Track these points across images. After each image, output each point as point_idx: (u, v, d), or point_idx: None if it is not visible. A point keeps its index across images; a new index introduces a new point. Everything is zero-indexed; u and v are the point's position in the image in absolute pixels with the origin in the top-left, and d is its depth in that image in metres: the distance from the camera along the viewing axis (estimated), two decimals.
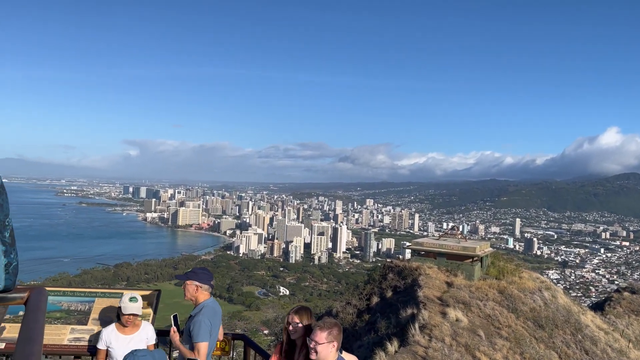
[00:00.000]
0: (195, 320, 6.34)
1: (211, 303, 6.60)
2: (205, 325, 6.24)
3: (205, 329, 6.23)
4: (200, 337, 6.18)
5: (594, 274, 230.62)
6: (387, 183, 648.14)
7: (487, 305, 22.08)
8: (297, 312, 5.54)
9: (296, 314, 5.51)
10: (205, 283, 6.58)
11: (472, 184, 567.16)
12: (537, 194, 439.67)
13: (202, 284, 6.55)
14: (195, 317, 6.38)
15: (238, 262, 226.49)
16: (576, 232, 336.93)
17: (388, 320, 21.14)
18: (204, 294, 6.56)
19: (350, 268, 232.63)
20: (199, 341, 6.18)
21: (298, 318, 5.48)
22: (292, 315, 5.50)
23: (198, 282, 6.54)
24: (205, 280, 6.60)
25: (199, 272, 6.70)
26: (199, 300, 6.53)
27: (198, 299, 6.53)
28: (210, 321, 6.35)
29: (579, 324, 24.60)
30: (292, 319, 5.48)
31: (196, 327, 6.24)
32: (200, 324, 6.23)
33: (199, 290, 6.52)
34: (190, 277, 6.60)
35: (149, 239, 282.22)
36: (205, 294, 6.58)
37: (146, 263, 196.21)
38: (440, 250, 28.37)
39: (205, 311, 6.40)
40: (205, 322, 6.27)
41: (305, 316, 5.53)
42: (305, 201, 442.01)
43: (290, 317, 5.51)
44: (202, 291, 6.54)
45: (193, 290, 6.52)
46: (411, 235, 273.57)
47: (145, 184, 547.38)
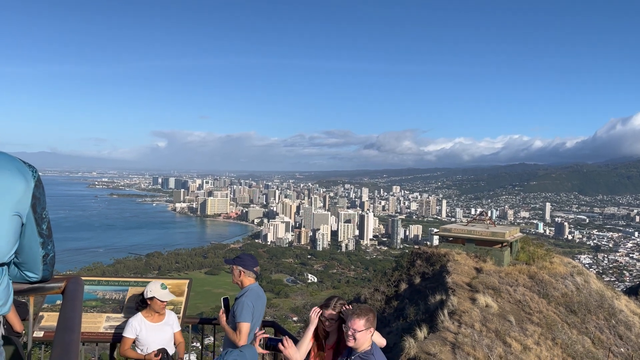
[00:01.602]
0: (238, 301, 6.67)
1: (256, 287, 6.90)
2: (248, 307, 6.54)
3: (247, 310, 6.52)
4: (243, 317, 6.47)
5: (628, 258, 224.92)
6: (413, 169, 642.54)
7: (517, 291, 21.84)
8: (334, 307, 5.47)
9: (334, 310, 5.44)
10: (248, 269, 6.90)
11: (500, 168, 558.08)
12: (568, 177, 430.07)
13: (246, 269, 6.87)
14: (239, 299, 6.71)
15: (266, 250, 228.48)
16: (609, 216, 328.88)
17: (417, 307, 21.12)
18: (248, 278, 6.89)
19: (378, 255, 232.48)
20: (240, 321, 6.47)
21: (335, 312, 5.42)
22: (330, 312, 5.44)
23: (242, 267, 6.86)
24: (249, 266, 6.92)
25: (244, 258, 7.07)
26: (244, 284, 6.86)
27: (243, 282, 6.86)
28: (253, 303, 6.63)
29: (613, 308, 24.13)
30: (329, 315, 5.42)
31: (239, 308, 6.55)
32: (243, 305, 6.54)
33: (242, 275, 6.85)
34: (236, 262, 6.93)
35: (179, 228, 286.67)
36: (250, 279, 6.91)
37: (176, 252, 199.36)
38: (468, 236, 28.09)
39: (249, 294, 6.72)
40: (248, 303, 6.57)
41: (338, 307, 5.47)
42: (331, 189, 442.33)
43: (327, 314, 5.44)
44: (246, 276, 6.87)
45: (237, 275, 6.86)
46: (439, 222, 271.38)
47: (173, 174, 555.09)
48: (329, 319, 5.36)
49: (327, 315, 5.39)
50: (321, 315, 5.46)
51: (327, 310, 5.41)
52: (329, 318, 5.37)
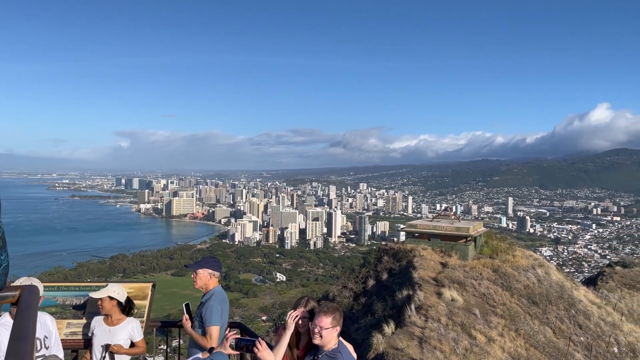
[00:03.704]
0: (206, 305, 6.51)
1: (220, 290, 6.78)
2: (217, 310, 6.44)
3: (217, 313, 6.42)
4: (213, 321, 6.36)
5: (586, 249, 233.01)
6: (379, 167, 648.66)
7: (482, 284, 22.29)
8: (306, 305, 5.42)
9: (305, 307, 5.41)
10: (217, 270, 6.78)
11: (464, 164, 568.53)
12: (529, 172, 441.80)
13: (215, 271, 6.74)
14: (206, 303, 6.55)
15: (234, 250, 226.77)
16: (568, 209, 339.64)
17: (384, 303, 21.32)
18: (214, 281, 6.75)
19: (346, 252, 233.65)
20: (211, 325, 6.35)
21: (308, 312, 5.38)
22: (303, 310, 5.41)
23: (211, 270, 6.71)
24: (217, 268, 6.80)
25: (210, 261, 6.87)
26: (209, 288, 6.69)
27: (208, 286, 6.69)
28: (221, 306, 6.54)
29: (572, 299, 24.93)
30: (302, 314, 5.39)
31: (208, 312, 6.42)
32: (212, 309, 6.42)
33: (211, 278, 6.70)
34: (203, 265, 6.74)
35: (144, 230, 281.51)
36: (215, 282, 6.78)
37: (142, 254, 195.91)
38: (434, 231, 28.49)
39: (216, 297, 6.59)
40: (217, 307, 6.46)
41: (310, 304, 5.44)
42: (298, 187, 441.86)
43: (301, 312, 5.41)
44: (214, 278, 6.73)
45: (206, 279, 6.67)
46: (405, 218, 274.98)
47: (137, 175, 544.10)
48: (301, 317, 5.34)
49: (300, 313, 5.37)
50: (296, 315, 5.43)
51: (298, 308, 5.40)
52: (302, 317, 5.35)
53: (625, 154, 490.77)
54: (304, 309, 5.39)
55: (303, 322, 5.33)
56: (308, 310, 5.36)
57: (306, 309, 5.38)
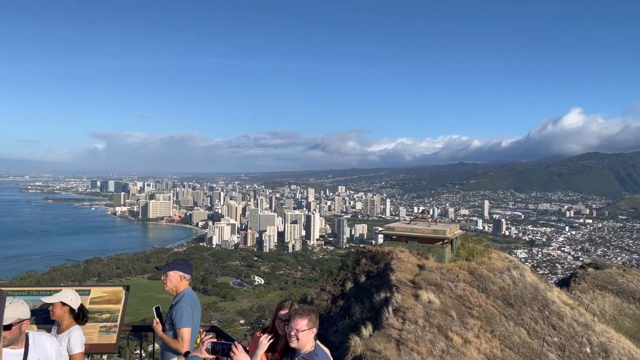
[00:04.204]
0: (176, 307, 6.44)
1: (191, 292, 6.71)
2: (187, 312, 6.37)
3: (187, 315, 6.35)
4: (183, 323, 6.30)
5: (560, 251, 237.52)
6: (358, 169, 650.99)
7: (458, 286, 22.52)
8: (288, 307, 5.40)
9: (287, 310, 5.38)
10: (188, 273, 6.71)
11: (441, 168, 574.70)
12: (504, 175, 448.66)
13: (185, 273, 6.68)
14: (176, 305, 6.48)
15: (211, 253, 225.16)
16: (542, 212, 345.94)
17: (362, 305, 21.37)
18: (185, 283, 6.68)
19: (324, 255, 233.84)
20: (181, 327, 6.28)
21: (287, 311, 5.35)
22: (284, 312, 5.38)
23: (182, 272, 6.65)
24: (188, 271, 6.73)
25: (181, 263, 6.79)
26: (179, 290, 6.63)
27: (179, 288, 6.63)
28: (192, 308, 6.47)
29: (546, 300, 25.36)
30: (284, 316, 5.36)
31: (178, 314, 6.35)
32: (183, 311, 6.35)
33: (182, 280, 6.64)
34: (174, 267, 6.66)
35: (120, 233, 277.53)
36: (186, 284, 6.71)
37: (117, 258, 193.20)
38: (411, 234, 28.72)
39: (186, 299, 6.53)
40: (187, 308, 6.39)
41: (294, 306, 5.41)
42: (277, 190, 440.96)
43: (282, 314, 5.38)
44: (185, 281, 6.67)
45: (176, 281, 6.60)
46: (383, 220, 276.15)
47: (113, 177, 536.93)
48: (283, 319, 5.34)
49: (281, 316, 5.37)
50: (276, 318, 5.44)
51: (281, 311, 5.40)
52: (284, 319, 5.35)
53: (597, 158, 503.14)
54: (286, 311, 5.39)
55: (285, 324, 5.32)
56: (288, 313, 5.35)
57: (288, 310, 5.37)
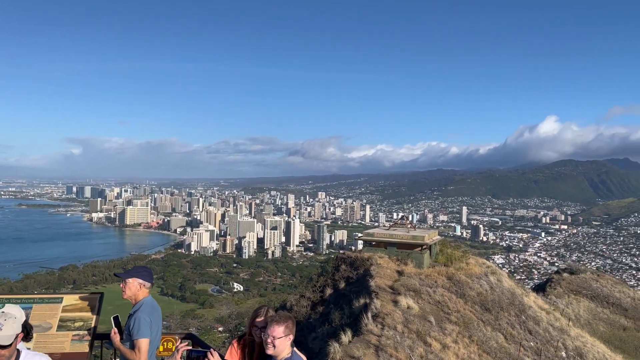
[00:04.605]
0: (134, 317, 6.22)
1: (150, 301, 6.50)
2: (145, 322, 6.15)
3: (145, 325, 6.13)
4: (141, 333, 6.06)
5: (536, 257, 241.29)
6: (338, 175, 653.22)
7: (437, 292, 22.66)
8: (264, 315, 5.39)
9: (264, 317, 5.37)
10: (148, 281, 6.51)
11: (419, 174, 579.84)
12: (482, 182, 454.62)
13: (145, 281, 6.47)
14: (134, 315, 6.26)
15: (190, 260, 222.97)
16: (519, 218, 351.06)
17: (341, 311, 21.34)
18: (144, 291, 6.47)
19: (304, 261, 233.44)
20: (139, 337, 6.06)
21: (263, 318, 5.35)
22: (261, 320, 5.37)
23: (141, 280, 6.44)
24: (148, 278, 6.53)
25: (141, 270, 6.58)
26: (139, 298, 6.42)
27: (138, 297, 6.43)
28: (150, 318, 6.26)
29: (523, 305, 25.68)
30: (260, 323, 5.35)
31: (136, 324, 6.12)
32: (140, 320, 6.13)
33: (141, 289, 6.44)
34: (133, 274, 6.46)
35: (96, 239, 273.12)
36: (146, 292, 6.49)
37: (93, 265, 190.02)
38: (390, 240, 28.83)
39: (144, 308, 6.32)
40: (145, 318, 6.17)
41: (270, 313, 5.40)
42: (257, 196, 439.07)
43: (258, 321, 5.37)
44: (144, 289, 6.46)
45: (135, 289, 6.40)
46: (363, 226, 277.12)
47: (89, 183, 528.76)
48: (259, 327, 5.32)
49: (257, 323, 5.36)
50: (252, 325, 5.43)
51: (257, 319, 5.39)
52: (260, 327, 5.33)
53: (571, 164, 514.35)
54: (262, 318, 5.38)
55: (261, 331, 5.30)
56: (264, 320, 5.34)
57: (264, 317, 5.37)
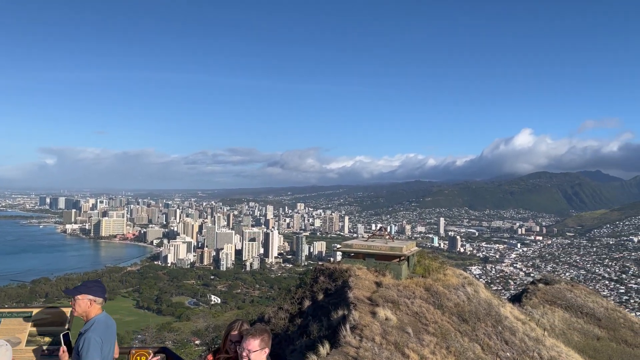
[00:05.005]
0: (84, 337, 5.89)
1: (103, 318, 6.21)
2: (95, 343, 5.84)
3: (95, 346, 5.82)
4: (89, 356, 5.74)
5: (512, 267, 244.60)
6: (317, 187, 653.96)
7: (415, 303, 22.73)
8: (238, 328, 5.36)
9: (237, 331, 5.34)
10: (99, 296, 6.19)
11: (398, 185, 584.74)
12: (459, 193, 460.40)
13: (96, 297, 6.16)
14: (84, 334, 5.94)
15: (166, 272, 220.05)
16: (495, 229, 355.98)
17: (320, 323, 21.25)
18: (96, 308, 6.16)
19: (283, 273, 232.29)
20: None
21: (237, 333, 5.32)
22: (235, 333, 5.35)
23: (92, 295, 6.13)
24: (99, 294, 6.21)
25: (91, 286, 6.25)
26: (90, 316, 6.12)
27: (89, 314, 6.12)
28: (101, 338, 5.96)
29: (499, 316, 25.92)
30: (234, 337, 5.32)
31: (85, 345, 5.80)
32: (90, 341, 5.82)
33: (92, 305, 6.12)
34: (82, 290, 6.13)
35: (70, 252, 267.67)
36: (98, 309, 6.18)
37: (67, 277, 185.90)
38: (368, 251, 28.89)
39: (96, 327, 6.02)
40: (95, 339, 5.87)
41: (244, 327, 5.38)
42: (235, 207, 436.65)
43: (233, 335, 5.34)
44: (96, 305, 6.15)
45: (86, 306, 6.09)
46: (342, 238, 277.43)
47: (64, 194, 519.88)
48: (234, 341, 5.29)
49: (232, 337, 5.33)
50: (227, 339, 5.39)
51: (232, 332, 5.36)
52: (234, 340, 5.30)
53: (546, 176, 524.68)
54: (236, 332, 5.35)
55: (236, 345, 5.28)
56: (239, 333, 5.31)
57: (238, 331, 5.34)
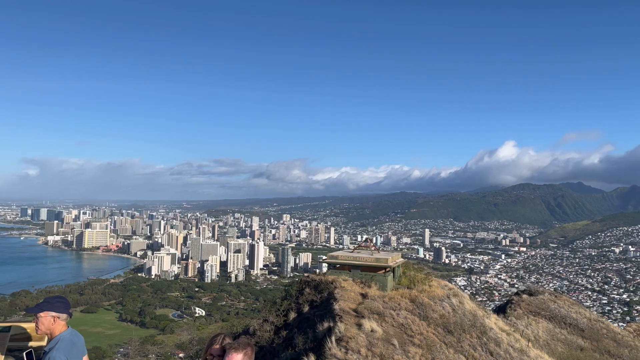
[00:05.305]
0: (48, 356, 5.71)
1: (69, 335, 6.03)
2: None
3: None
4: None
5: (497, 279, 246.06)
6: (303, 198, 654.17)
7: (400, 315, 22.79)
8: (220, 342, 5.36)
9: (219, 345, 5.34)
10: (62, 312, 6.01)
11: (383, 197, 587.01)
12: (444, 205, 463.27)
13: (60, 313, 5.97)
14: (49, 353, 5.75)
15: (150, 284, 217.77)
16: (480, 240, 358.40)
17: (305, 336, 21.17)
18: (60, 324, 5.98)
19: (268, 284, 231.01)
20: None
21: (219, 347, 5.33)
22: (216, 347, 5.35)
23: (54, 312, 5.93)
24: (63, 310, 6.02)
25: (53, 302, 6.05)
26: (55, 334, 5.94)
27: (54, 332, 5.94)
28: (67, 356, 5.77)
29: (484, 327, 26.07)
30: (216, 351, 5.32)
31: None
32: None
33: (56, 322, 5.93)
34: (44, 307, 5.94)
35: (51, 264, 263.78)
36: (62, 325, 6.01)
37: (48, 290, 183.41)
38: (354, 262, 28.94)
39: (61, 345, 5.84)
40: (60, 357, 5.69)
41: (226, 341, 5.37)
42: (220, 218, 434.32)
43: (214, 349, 5.35)
44: (60, 322, 5.97)
45: (49, 323, 5.91)
46: (327, 249, 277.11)
47: (46, 205, 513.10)
48: (215, 355, 5.29)
49: (213, 351, 5.33)
50: (208, 353, 5.39)
51: (213, 346, 5.36)
52: (216, 355, 5.30)
53: (529, 188, 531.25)
54: (218, 346, 5.36)
55: (217, 359, 5.30)
56: (221, 348, 5.33)
57: (220, 345, 5.35)
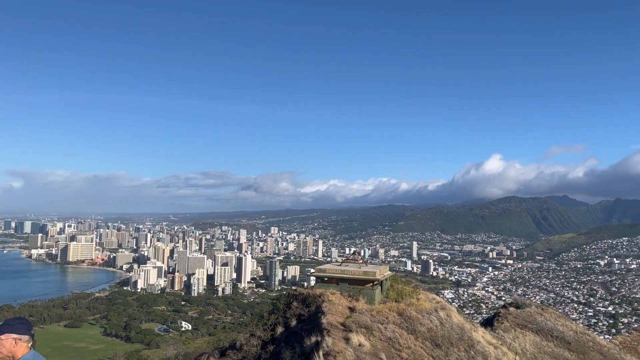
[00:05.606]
0: None
1: (32, 357, 5.82)
2: None
3: None
4: None
5: (484, 291, 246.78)
6: (291, 210, 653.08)
7: (388, 328, 22.75)
8: None
9: None
10: (24, 334, 5.79)
11: (371, 209, 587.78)
12: (431, 217, 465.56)
13: (21, 335, 5.76)
14: None
15: (136, 297, 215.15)
16: (467, 253, 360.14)
17: (292, 350, 21.03)
18: (23, 347, 5.75)
19: (256, 298, 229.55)
20: None
21: None
22: None
23: (15, 334, 5.73)
24: (24, 331, 5.81)
25: (14, 324, 5.84)
26: (17, 356, 5.72)
27: (16, 354, 5.71)
28: None
29: (472, 340, 26.10)
30: None
31: None
32: None
33: (18, 344, 5.71)
34: (4, 330, 5.74)
35: (35, 277, 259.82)
36: (25, 348, 5.79)
37: (31, 304, 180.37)
38: (342, 275, 28.88)
39: None
40: None
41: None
42: (207, 231, 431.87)
43: None
44: (22, 344, 5.75)
45: (10, 345, 5.67)
46: (315, 262, 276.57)
47: (30, 217, 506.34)
48: None
49: None
50: None
51: None
52: None
53: (515, 201, 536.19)
54: None
55: None
56: None
57: None
